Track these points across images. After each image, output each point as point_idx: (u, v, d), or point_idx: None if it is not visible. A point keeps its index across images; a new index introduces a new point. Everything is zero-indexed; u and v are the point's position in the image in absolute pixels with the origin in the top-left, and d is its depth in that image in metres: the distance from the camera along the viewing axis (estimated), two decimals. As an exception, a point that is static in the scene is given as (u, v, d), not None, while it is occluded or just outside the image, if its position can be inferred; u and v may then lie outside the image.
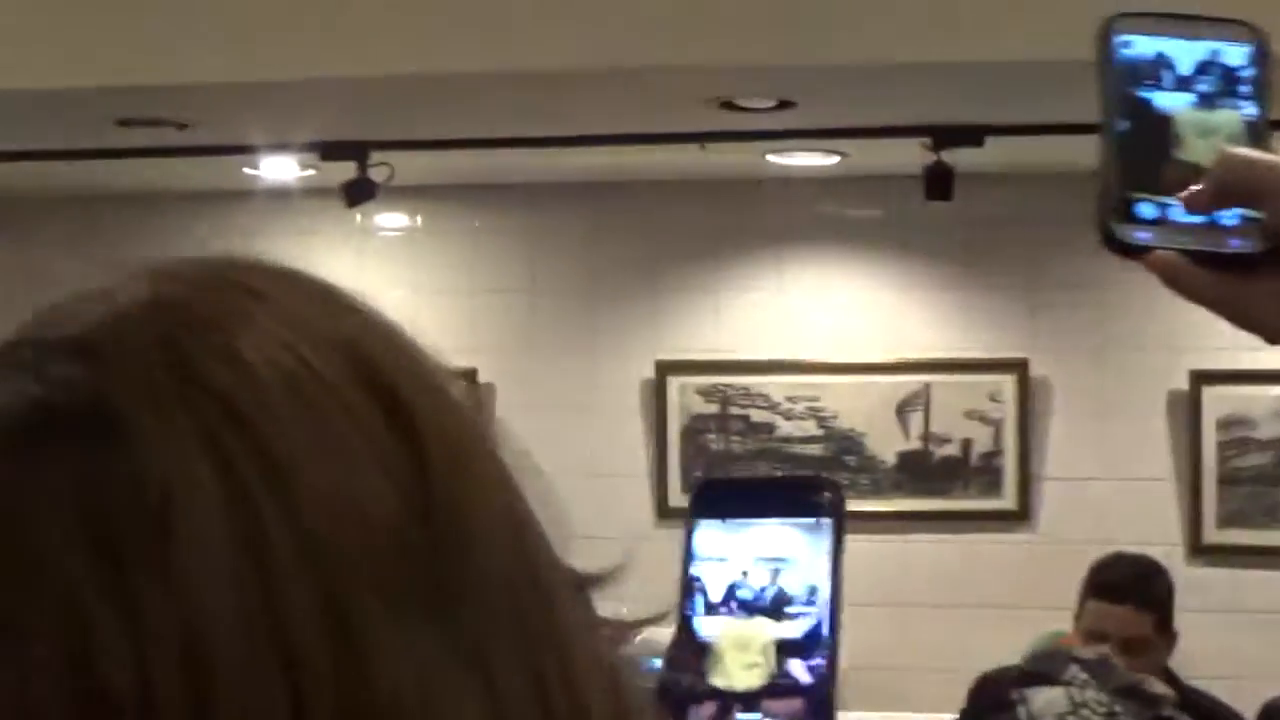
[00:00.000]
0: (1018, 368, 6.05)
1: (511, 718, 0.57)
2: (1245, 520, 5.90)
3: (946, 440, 6.08)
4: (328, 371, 0.60)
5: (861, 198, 6.19)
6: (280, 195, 6.07)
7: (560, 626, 0.61)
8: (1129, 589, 4.03)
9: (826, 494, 1.99)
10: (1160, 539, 5.67)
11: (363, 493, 0.57)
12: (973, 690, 4.34)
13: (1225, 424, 5.93)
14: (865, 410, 6.11)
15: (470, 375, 6.34)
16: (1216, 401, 5.93)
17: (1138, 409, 6.03)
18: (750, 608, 1.95)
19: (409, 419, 0.60)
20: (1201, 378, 5.93)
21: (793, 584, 1.94)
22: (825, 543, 1.92)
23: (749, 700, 1.89)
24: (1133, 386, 6.04)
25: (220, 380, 0.57)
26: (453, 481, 0.60)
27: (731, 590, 1.96)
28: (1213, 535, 5.90)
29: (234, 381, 0.57)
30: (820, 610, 1.91)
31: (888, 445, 6.10)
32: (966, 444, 6.06)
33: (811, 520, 1.94)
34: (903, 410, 6.10)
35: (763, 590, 1.96)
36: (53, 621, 0.53)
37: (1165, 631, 4.08)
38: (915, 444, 6.09)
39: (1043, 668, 2.61)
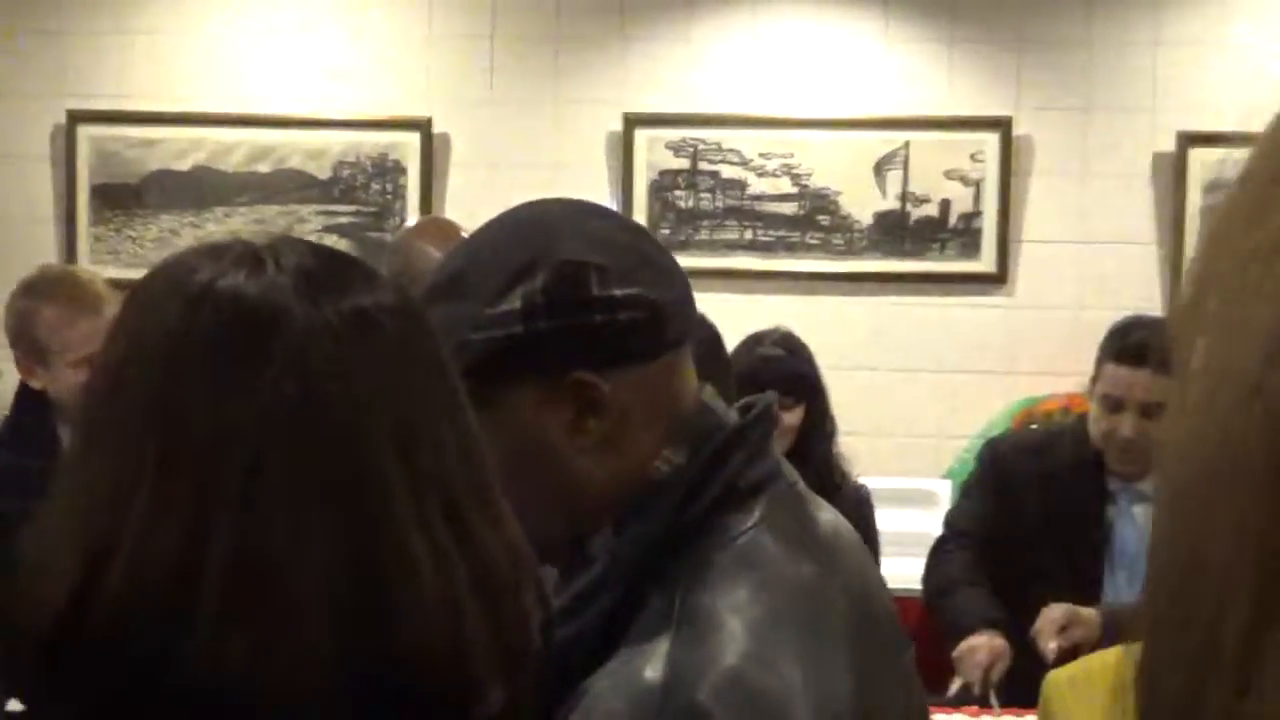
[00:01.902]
0: (1000, 126, 5.85)
1: None
2: (1228, 286, 5.76)
3: (925, 200, 5.89)
4: None
5: (842, -56, 5.93)
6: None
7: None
8: (1148, 352, 3.91)
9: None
10: (1141, 303, 5.52)
11: None
12: (985, 457, 4.24)
13: (1211, 187, 5.76)
14: (841, 168, 5.91)
15: (425, 125, 6.11)
16: (1203, 163, 5.76)
17: (1122, 171, 5.85)
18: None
19: None
20: (1188, 139, 5.76)
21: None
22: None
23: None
24: (1118, 148, 5.86)
25: None
26: None
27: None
28: (1195, 301, 5.76)
29: None
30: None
31: (864, 205, 5.92)
32: (945, 204, 5.88)
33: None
34: (880, 168, 5.90)
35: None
36: None
37: None
38: (892, 204, 5.91)
39: None
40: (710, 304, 2.60)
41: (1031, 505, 4.03)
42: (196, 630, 1.21)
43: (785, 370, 4.17)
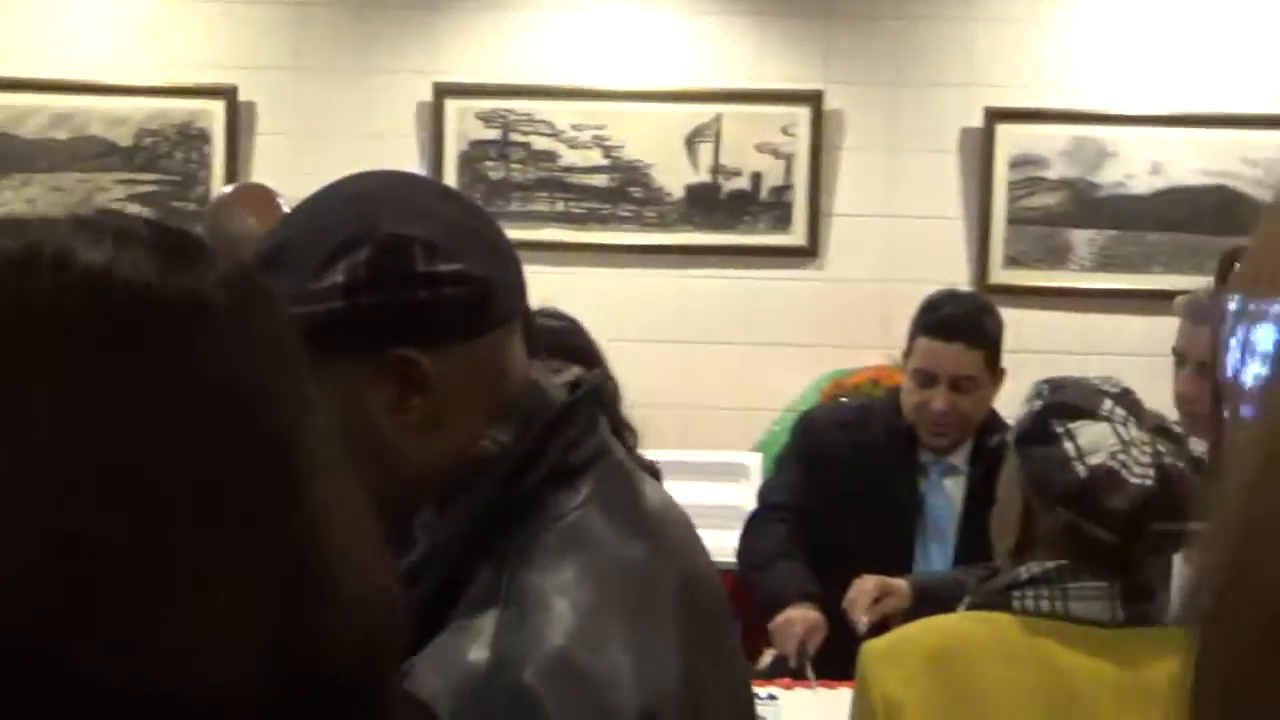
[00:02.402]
0: (811, 100, 5.87)
1: None
2: (1031, 261, 5.86)
3: (736, 173, 5.90)
4: None
5: (654, -85, 5.91)
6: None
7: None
8: (959, 327, 3.96)
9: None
10: (948, 278, 5.59)
11: None
12: (798, 430, 4.25)
13: (1017, 163, 5.84)
14: (653, 140, 5.90)
15: (229, 93, 5.99)
16: (1009, 140, 5.84)
17: (930, 146, 5.91)
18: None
19: None
20: (996, 115, 5.83)
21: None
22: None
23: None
24: (926, 123, 5.92)
25: None
26: None
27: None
28: (999, 275, 5.85)
29: None
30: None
31: (675, 177, 5.91)
32: (757, 177, 5.90)
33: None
34: (692, 141, 5.90)
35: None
36: None
37: (994, 370, 4.01)
38: (704, 176, 5.91)
39: (1077, 400, 2.41)
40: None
41: (845, 478, 4.06)
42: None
43: (565, 341, 4.16)
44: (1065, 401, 2.37)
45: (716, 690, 1.68)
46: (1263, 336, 0.45)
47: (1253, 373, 0.46)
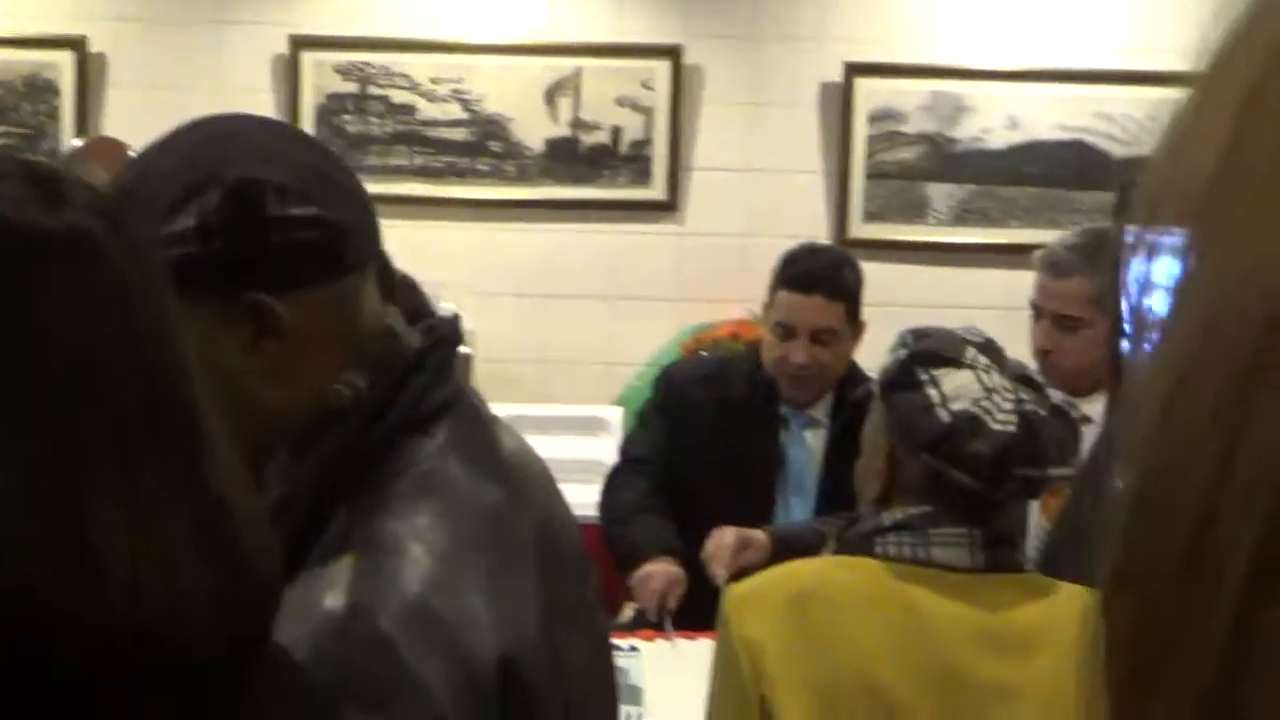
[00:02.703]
0: (671, 54, 5.86)
1: None
2: (890, 215, 5.89)
3: (596, 127, 5.88)
4: None
5: None
6: None
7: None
8: (819, 279, 3.96)
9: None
10: (807, 232, 5.61)
11: None
12: (660, 384, 4.25)
13: (875, 117, 5.87)
14: (512, 94, 5.86)
15: (78, 44, 5.87)
16: (868, 94, 5.86)
17: (790, 100, 5.92)
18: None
19: None
20: (854, 69, 5.85)
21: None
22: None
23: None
24: (785, 77, 5.92)
25: None
26: None
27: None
28: (858, 229, 5.88)
29: None
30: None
31: (535, 131, 5.88)
32: (617, 131, 5.88)
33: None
34: (552, 95, 5.87)
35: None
36: None
37: (854, 323, 4.03)
38: (564, 130, 5.88)
39: (942, 348, 2.42)
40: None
41: (706, 431, 4.06)
42: None
43: (409, 304, 4.11)
44: (929, 349, 2.39)
45: (575, 637, 1.67)
46: (1161, 269, 0.44)
47: (1152, 306, 0.45)
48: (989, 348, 2.40)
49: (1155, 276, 0.45)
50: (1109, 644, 0.43)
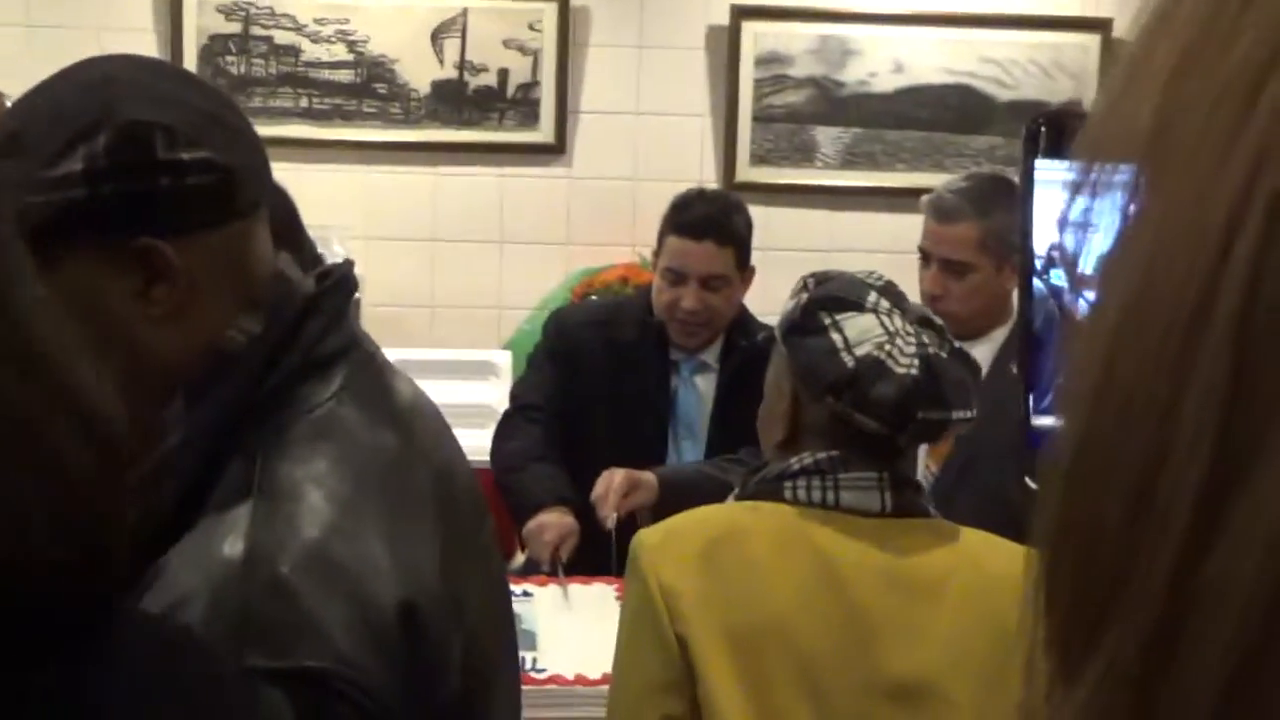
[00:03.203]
0: (558, -5, 5.82)
1: None
2: (778, 159, 5.90)
3: (483, 69, 5.83)
4: None
5: None
6: None
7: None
8: (708, 225, 3.96)
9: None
10: (695, 176, 5.62)
11: None
12: (550, 329, 4.24)
13: (763, 60, 5.86)
14: (398, 35, 5.80)
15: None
16: (755, 38, 5.85)
17: (677, 43, 5.90)
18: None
19: None
20: (741, 13, 5.84)
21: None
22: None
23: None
24: (673, 20, 5.90)
25: None
26: None
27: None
28: (746, 173, 5.88)
29: None
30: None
31: (421, 73, 5.82)
32: (504, 74, 5.84)
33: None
34: (438, 36, 5.81)
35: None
36: None
37: (743, 268, 4.04)
38: (450, 72, 5.83)
39: (843, 293, 2.42)
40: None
41: (597, 375, 4.06)
42: None
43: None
44: (831, 294, 2.39)
45: (474, 582, 1.67)
46: (1105, 206, 0.44)
47: (1093, 244, 0.45)
48: (889, 291, 2.41)
49: (1096, 216, 0.45)
50: (1050, 593, 0.43)
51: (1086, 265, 0.45)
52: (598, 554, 3.76)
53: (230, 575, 1.43)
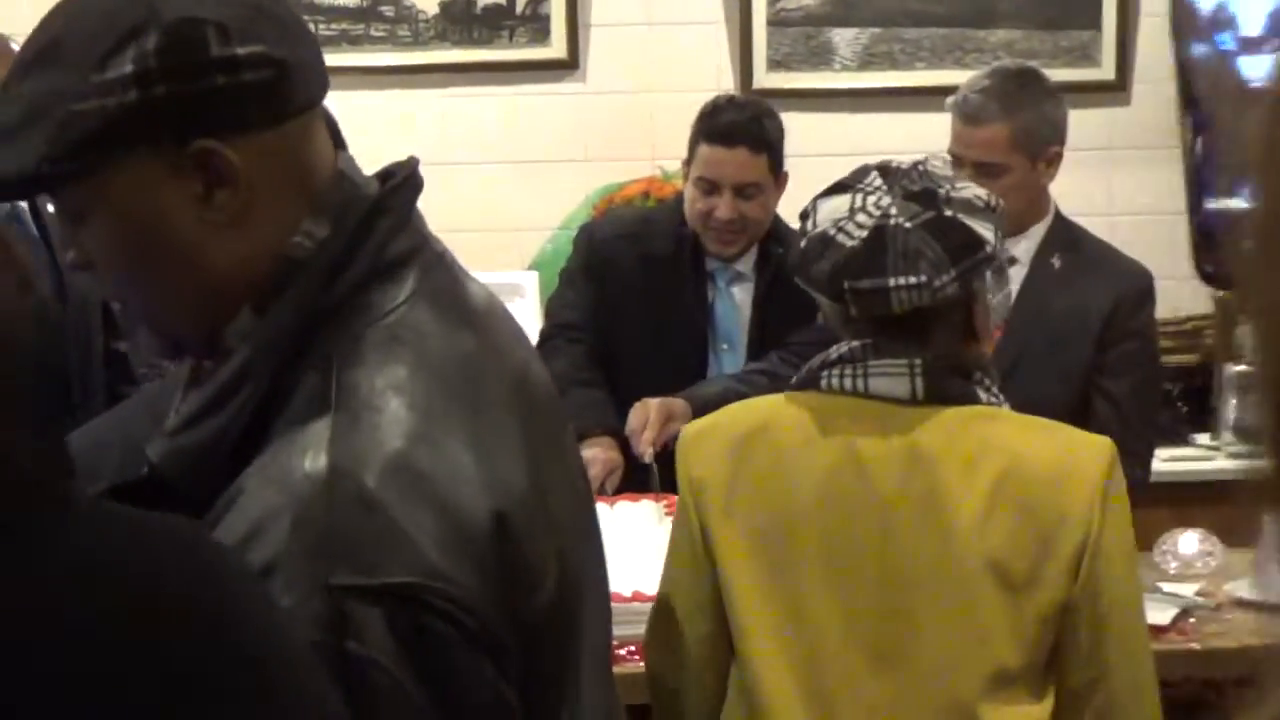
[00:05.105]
0: (563, -93, 5.71)
1: None
2: (795, 63, 5.80)
3: (491, -14, 5.73)
4: None
5: None
6: None
7: None
8: (740, 132, 3.88)
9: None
10: (712, 84, 5.51)
11: None
12: (582, 243, 4.17)
13: (774, -35, 5.75)
14: (403, -45, 5.69)
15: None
16: (767, -59, 5.74)
17: (686, -50, 5.79)
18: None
19: None
20: (750, -85, 5.72)
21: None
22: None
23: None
24: (680, -74, 5.78)
25: None
26: None
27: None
28: (764, 79, 5.76)
29: None
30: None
31: (429, -7, 5.72)
32: (513, -11, 5.74)
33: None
34: (443, -45, 5.71)
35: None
36: None
37: (777, 175, 3.96)
38: (458, -10, 5.73)
39: (845, 177, 2.40)
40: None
41: (632, 289, 3.99)
42: None
43: None
44: (836, 181, 2.38)
45: (561, 489, 1.59)
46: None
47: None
48: (896, 171, 2.35)
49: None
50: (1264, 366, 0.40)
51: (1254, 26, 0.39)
52: (641, 482, 3.72)
53: (313, 492, 1.36)
